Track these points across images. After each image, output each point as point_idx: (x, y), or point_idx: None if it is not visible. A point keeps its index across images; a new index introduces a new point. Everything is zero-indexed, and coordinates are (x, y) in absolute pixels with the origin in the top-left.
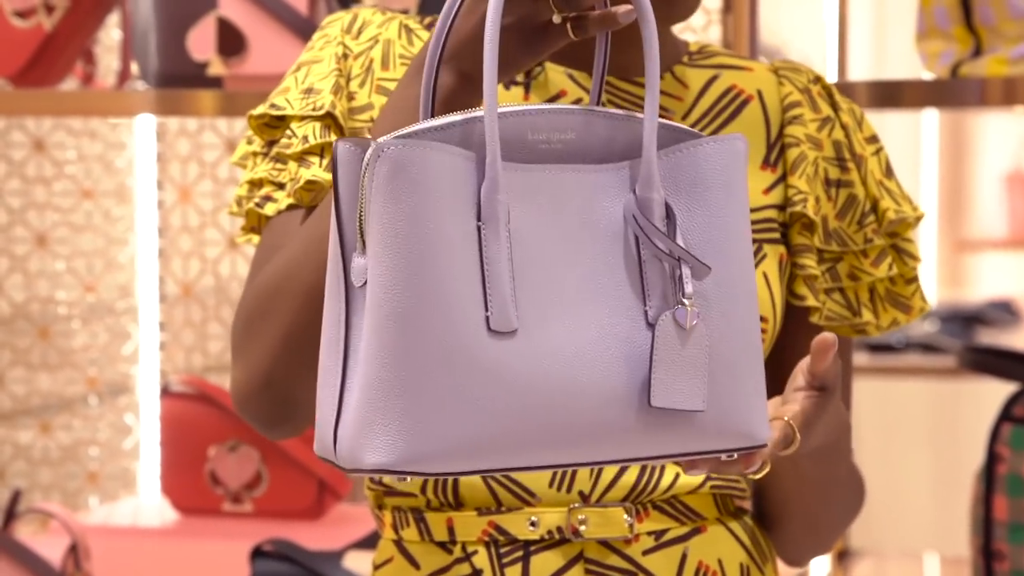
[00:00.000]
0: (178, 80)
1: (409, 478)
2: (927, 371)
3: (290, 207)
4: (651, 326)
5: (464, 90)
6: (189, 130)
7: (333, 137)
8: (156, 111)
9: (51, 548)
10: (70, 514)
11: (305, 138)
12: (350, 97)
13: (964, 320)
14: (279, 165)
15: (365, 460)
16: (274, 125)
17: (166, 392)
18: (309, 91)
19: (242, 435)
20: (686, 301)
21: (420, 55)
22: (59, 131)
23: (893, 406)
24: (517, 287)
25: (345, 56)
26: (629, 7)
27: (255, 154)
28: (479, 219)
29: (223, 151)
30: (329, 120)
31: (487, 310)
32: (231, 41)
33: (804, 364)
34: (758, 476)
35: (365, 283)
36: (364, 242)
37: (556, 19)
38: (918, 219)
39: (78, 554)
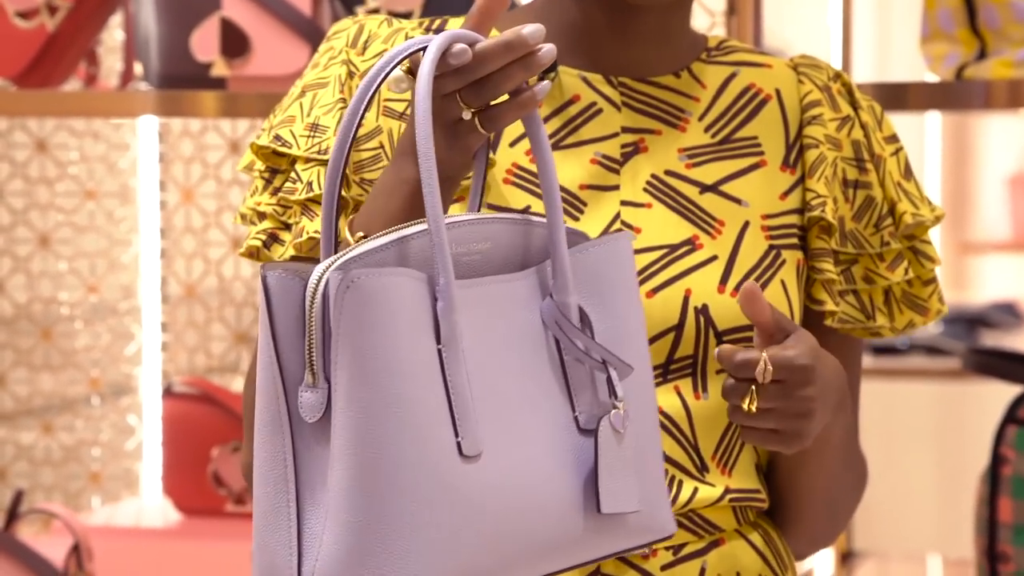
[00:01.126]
0: (181, 81)
1: None
2: (931, 373)
3: (292, 258)
4: (583, 431)
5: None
6: (192, 131)
7: (345, 191)
8: (159, 112)
9: (53, 548)
10: (72, 515)
11: (310, 185)
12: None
13: (968, 322)
14: (283, 207)
15: None
16: (280, 153)
17: (169, 393)
18: (315, 128)
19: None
20: (619, 404)
21: (407, 136)
22: (62, 132)
23: (897, 408)
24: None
25: (351, 75)
26: (546, 82)
27: (261, 174)
28: (439, 342)
29: (226, 152)
30: None
31: (457, 436)
32: (234, 42)
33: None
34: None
35: (322, 417)
36: (315, 375)
37: (466, 115)
38: (937, 220)
39: (80, 554)
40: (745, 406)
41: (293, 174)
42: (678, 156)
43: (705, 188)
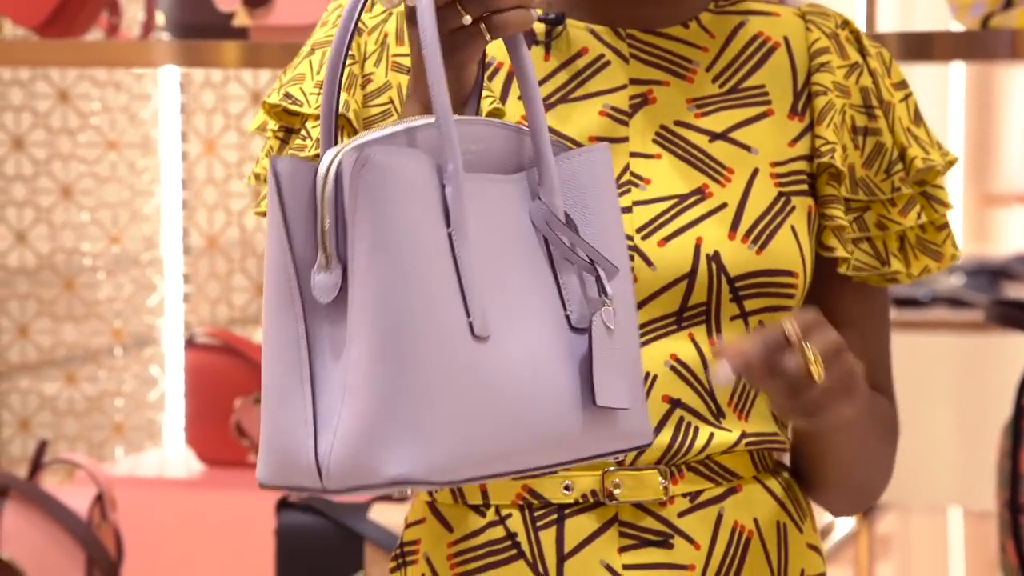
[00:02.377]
0: (203, 31)
1: (414, 490)
2: (954, 325)
3: None
4: (574, 329)
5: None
6: (214, 81)
7: (346, 139)
8: (181, 62)
9: (77, 498)
10: (96, 465)
11: (319, 142)
12: (366, 81)
13: (991, 274)
14: None
15: (384, 473)
16: (291, 112)
17: (191, 344)
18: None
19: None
20: (608, 302)
21: (412, 78)
22: (84, 82)
23: (920, 361)
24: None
25: (360, 32)
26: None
27: (276, 136)
28: (448, 225)
29: (248, 103)
30: (343, 121)
31: (468, 316)
32: None
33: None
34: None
35: (336, 298)
36: (328, 256)
37: (466, 20)
38: (949, 164)
39: (104, 504)
40: (816, 373)
41: (304, 131)
42: (687, 106)
43: (714, 136)
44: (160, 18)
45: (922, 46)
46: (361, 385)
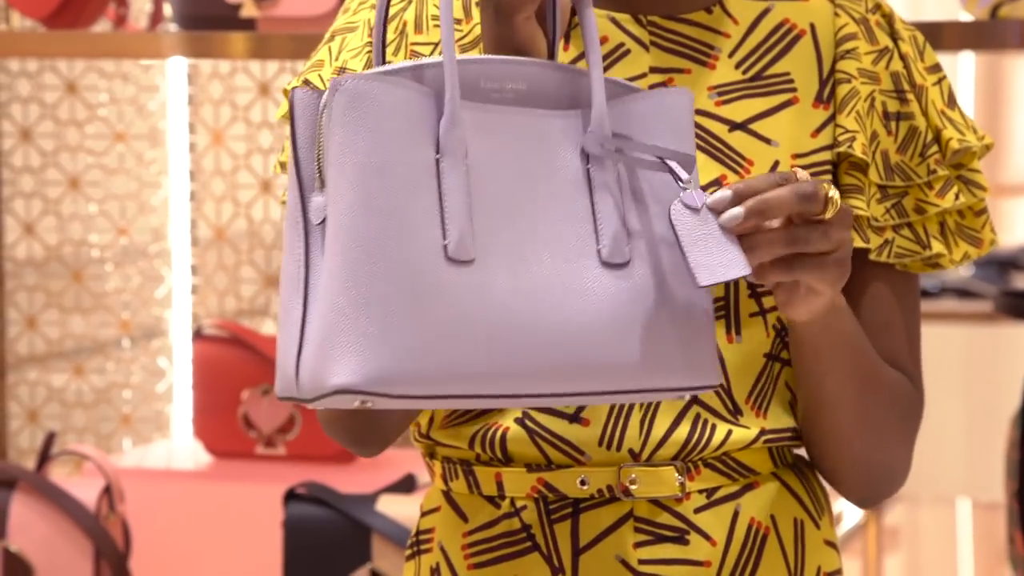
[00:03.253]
0: (210, 22)
1: (372, 402)
2: (963, 316)
3: None
4: (605, 264)
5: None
6: (222, 72)
7: None
8: (188, 53)
9: (85, 490)
10: (104, 456)
11: None
12: None
13: (1000, 265)
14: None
15: (328, 382)
16: None
17: (199, 335)
18: (343, 71)
19: (274, 379)
20: (687, 186)
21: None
22: (91, 73)
23: (929, 351)
24: (475, 219)
25: None
26: None
27: None
28: (437, 152)
29: (256, 94)
30: None
31: (444, 239)
32: None
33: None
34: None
35: (324, 220)
36: (323, 181)
37: None
38: (987, 147)
39: (112, 496)
40: (831, 210)
41: None
42: (708, 94)
43: (735, 126)
44: (167, 9)
45: (931, 36)
46: (323, 297)
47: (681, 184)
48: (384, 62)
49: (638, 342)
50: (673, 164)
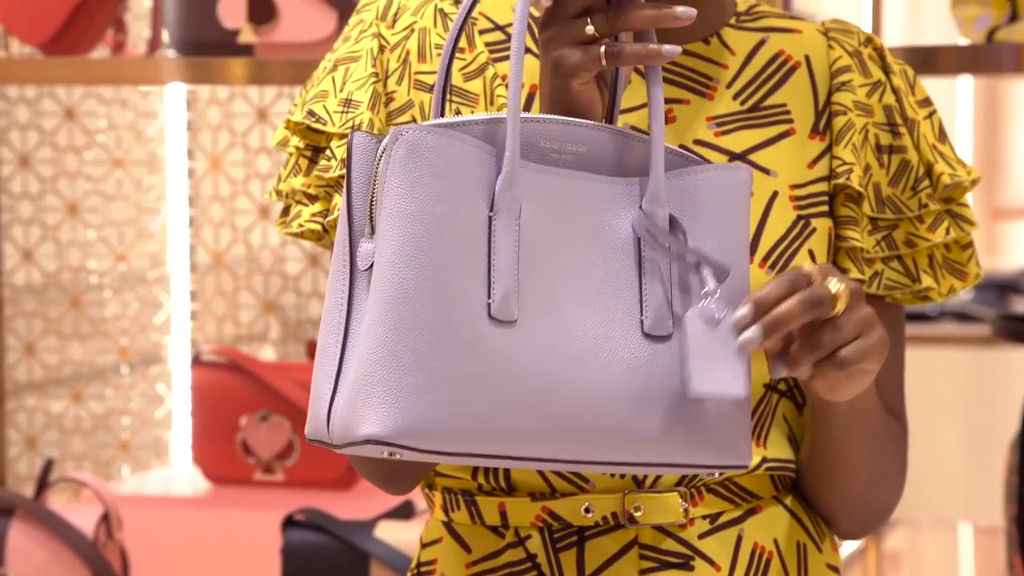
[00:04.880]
0: (209, 48)
1: (400, 454)
2: (961, 340)
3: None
4: (649, 336)
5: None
6: (220, 98)
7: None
8: (187, 79)
9: (83, 517)
10: (102, 483)
11: (343, 161)
12: (388, 99)
13: (999, 288)
14: (320, 184)
15: (358, 431)
16: (315, 130)
17: (197, 361)
18: (348, 103)
19: (273, 405)
20: (711, 296)
21: (542, 87)
22: (90, 99)
23: (927, 375)
24: (520, 279)
25: (382, 49)
26: (677, 47)
27: (299, 150)
28: (491, 209)
29: (254, 119)
30: None
31: (489, 297)
32: (262, 9)
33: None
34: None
35: (371, 265)
36: (373, 227)
37: (589, 29)
38: (974, 182)
39: (110, 523)
40: (840, 306)
41: (328, 151)
42: (707, 125)
43: (734, 157)
44: (165, 35)
45: (928, 60)
46: (362, 344)
47: (706, 292)
48: (443, 113)
49: (672, 416)
50: (705, 272)
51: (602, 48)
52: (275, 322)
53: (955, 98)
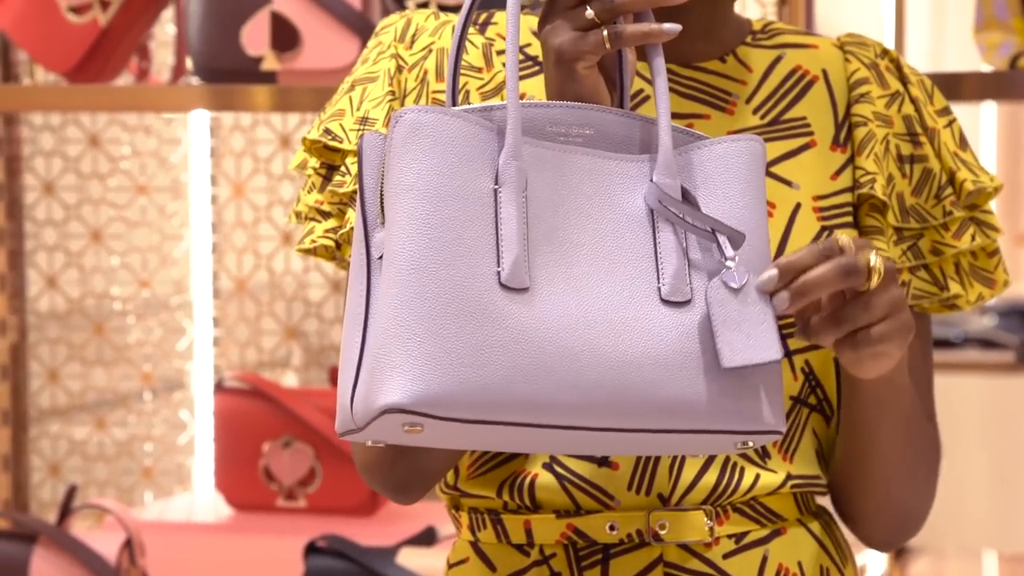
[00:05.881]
0: (232, 75)
1: (420, 426)
2: (986, 367)
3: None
4: (665, 301)
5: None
6: (243, 125)
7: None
8: (210, 106)
9: (106, 543)
10: (125, 510)
11: (356, 178)
12: None
13: (1023, 315)
14: (334, 201)
15: (377, 402)
16: (331, 148)
17: (220, 388)
18: (364, 121)
19: (296, 431)
20: (731, 264)
21: (547, 83)
22: (114, 127)
23: (951, 402)
24: (532, 250)
25: (400, 69)
26: (676, 25)
27: (315, 170)
28: (496, 182)
29: (277, 146)
30: None
31: (499, 266)
32: (285, 36)
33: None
34: (869, 284)
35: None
36: (384, 215)
37: (588, 14)
38: (997, 189)
39: (133, 549)
40: (875, 280)
41: (343, 167)
42: None
43: None
44: (189, 63)
45: (951, 86)
46: (377, 323)
47: (725, 261)
48: (455, 104)
49: (695, 381)
50: (722, 239)
51: (604, 32)
52: (298, 348)
53: (978, 124)
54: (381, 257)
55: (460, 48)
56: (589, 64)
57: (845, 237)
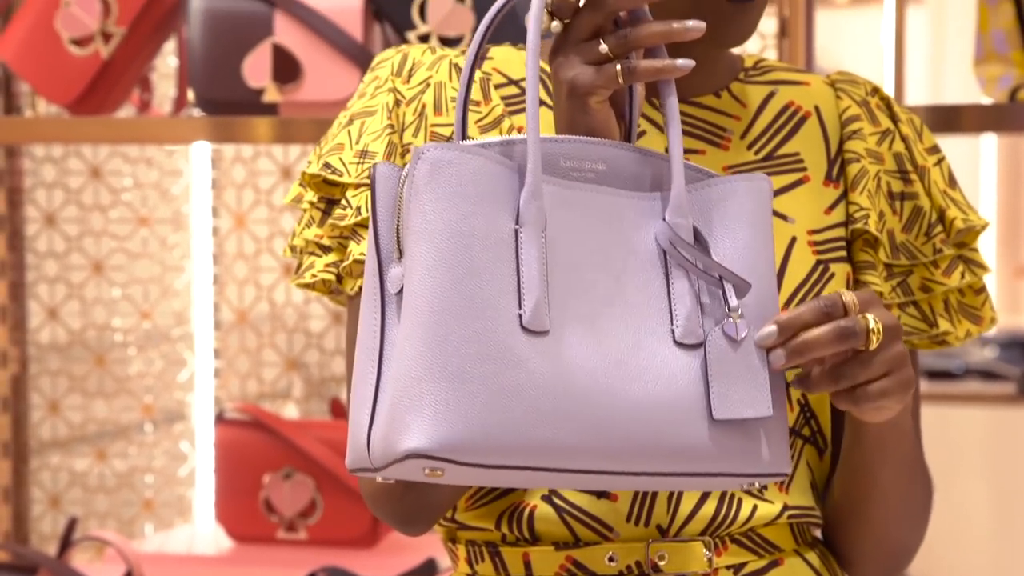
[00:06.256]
0: (234, 107)
1: (441, 470)
2: (986, 398)
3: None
4: (679, 344)
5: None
6: (244, 157)
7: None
8: (211, 138)
9: (107, 575)
10: (126, 542)
11: (358, 210)
12: (404, 151)
13: (1023, 347)
14: (334, 235)
15: (400, 446)
16: (330, 182)
17: (221, 419)
18: (364, 154)
19: (296, 463)
20: (732, 314)
21: (557, 112)
22: (115, 158)
23: (952, 434)
24: (551, 291)
25: (398, 103)
26: (690, 60)
27: (312, 204)
28: (517, 223)
29: (278, 178)
30: None
31: (520, 308)
32: (286, 68)
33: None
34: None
35: (402, 290)
36: (401, 251)
37: (603, 48)
38: (983, 227)
39: None
40: (874, 342)
41: (344, 201)
42: (723, 174)
43: None
44: (191, 95)
45: (951, 119)
46: (396, 362)
47: (728, 310)
48: (465, 138)
49: (702, 425)
50: (728, 287)
51: (618, 66)
52: (298, 380)
53: (978, 157)
54: (399, 292)
55: (469, 86)
56: (601, 98)
57: (849, 294)
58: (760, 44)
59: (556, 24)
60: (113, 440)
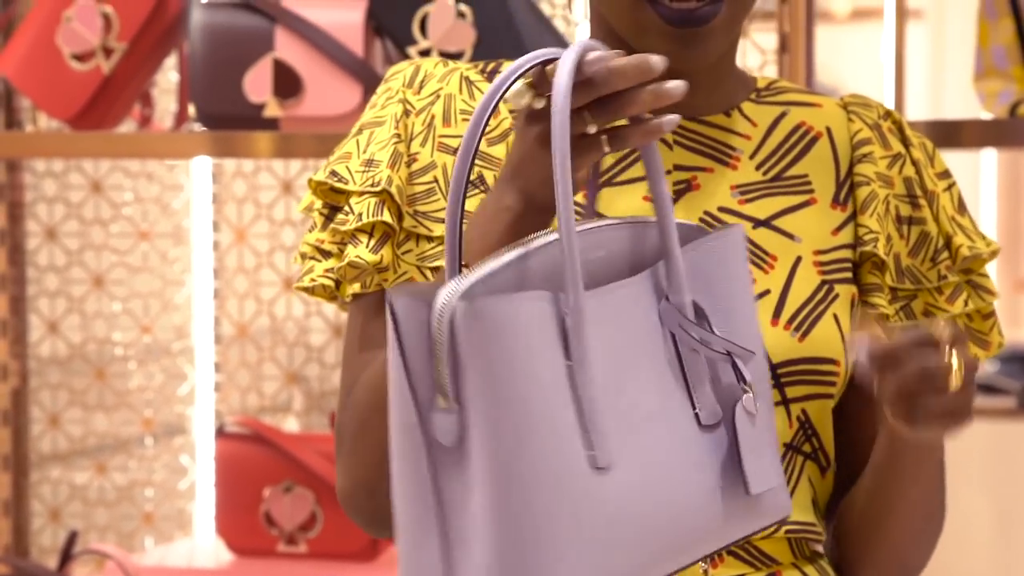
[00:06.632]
0: (234, 122)
1: None
2: (987, 412)
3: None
4: (703, 427)
5: (531, 212)
6: (245, 171)
7: (387, 214)
8: (212, 153)
9: None
10: (126, 555)
11: (360, 216)
12: (411, 160)
13: (1023, 361)
14: (335, 239)
15: None
16: (337, 190)
17: (221, 433)
18: (369, 163)
19: (297, 476)
20: (748, 388)
21: (510, 163)
22: (116, 173)
23: (952, 448)
24: (604, 420)
25: (407, 113)
26: (675, 116)
27: (320, 213)
28: (568, 358)
29: (279, 192)
30: (385, 195)
31: (591, 449)
32: (287, 83)
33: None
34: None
35: (457, 440)
36: (447, 396)
37: (591, 129)
38: (993, 254)
39: None
40: (954, 384)
41: (347, 207)
42: (731, 193)
43: (758, 223)
44: (192, 110)
45: (951, 133)
46: (485, 533)
47: (743, 386)
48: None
49: (731, 500)
50: (739, 363)
51: (603, 137)
52: (299, 393)
53: (978, 172)
54: (459, 443)
55: (470, 169)
56: (584, 169)
57: (944, 327)
58: (760, 59)
59: (540, 100)
60: (113, 453)
